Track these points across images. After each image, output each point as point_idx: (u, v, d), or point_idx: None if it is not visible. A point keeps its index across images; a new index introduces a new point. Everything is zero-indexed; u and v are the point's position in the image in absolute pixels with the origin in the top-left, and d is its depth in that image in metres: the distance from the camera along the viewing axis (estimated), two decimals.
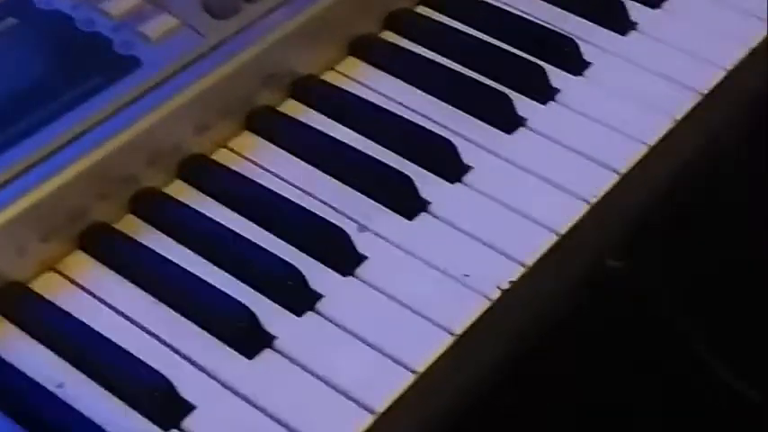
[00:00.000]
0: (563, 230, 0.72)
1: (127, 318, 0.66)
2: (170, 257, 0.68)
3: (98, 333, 0.64)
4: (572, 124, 0.78)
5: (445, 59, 0.81)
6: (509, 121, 0.77)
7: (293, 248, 0.69)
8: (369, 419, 0.62)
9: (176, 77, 0.72)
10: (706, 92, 0.80)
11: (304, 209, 0.71)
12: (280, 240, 0.70)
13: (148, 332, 0.65)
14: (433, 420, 0.65)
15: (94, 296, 0.67)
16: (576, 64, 0.81)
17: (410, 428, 0.65)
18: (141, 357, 0.63)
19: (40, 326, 0.65)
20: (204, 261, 0.68)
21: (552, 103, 0.79)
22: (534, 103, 0.79)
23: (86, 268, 0.68)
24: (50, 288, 0.67)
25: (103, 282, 0.67)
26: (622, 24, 0.84)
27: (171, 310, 0.66)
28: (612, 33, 0.83)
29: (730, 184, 0.95)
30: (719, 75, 0.81)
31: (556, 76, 0.80)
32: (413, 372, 0.64)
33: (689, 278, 0.94)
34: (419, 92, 0.79)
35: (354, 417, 0.62)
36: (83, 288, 0.67)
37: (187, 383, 0.62)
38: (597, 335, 0.95)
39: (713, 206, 0.93)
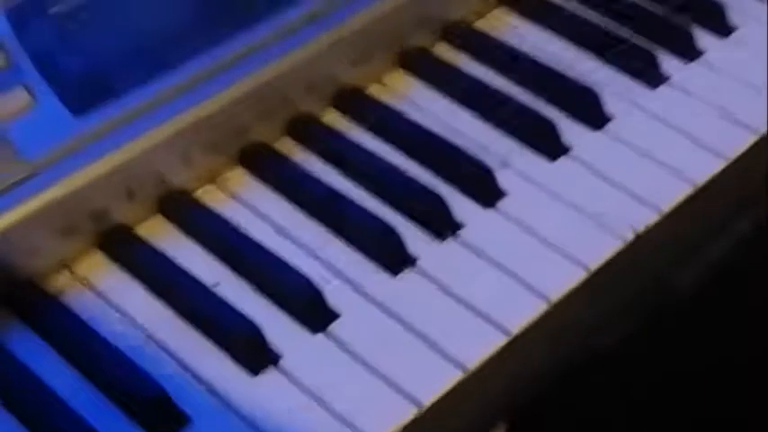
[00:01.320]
0: (700, 182, 0.73)
1: (281, 230, 0.70)
2: (323, 179, 0.72)
3: (252, 239, 0.68)
4: (715, 84, 0.79)
5: (597, 15, 0.83)
6: (653, 77, 0.79)
7: (439, 180, 0.73)
8: (503, 340, 0.65)
9: (336, 11, 0.75)
10: None
11: (451, 143, 0.74)
12: (426, 171, 0.73)
13: (300, 245, 0.69)
14: (564, 350, 0.68)
15: (251, 208, 0.71)
16: (722, 27, 0.83)
17: (539, 356, 0.67)
18: (293, 266, 0.67)
19: (202, 231, 0.69)
20: (354, 185, 0.72)
21: (696, 63, 0.81)
22: (679, 62, 0.81)
23: (246, 184, 0.72)
24: (212, 198, 0.72)
25: (260, 196, 0.71)
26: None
27: (322, 226, 0.70)
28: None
29: None
30: None
31: (701, 37, 0.82)
32: (546, 299, 0.67)
33: None
34: (568, 44, 0.81)
35: (489, 335, 0.65)
36: (240, 200, 0.71)
37: (334, 294, 0.66)
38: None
39: None
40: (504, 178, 0.73)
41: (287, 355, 0.64)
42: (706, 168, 0.74)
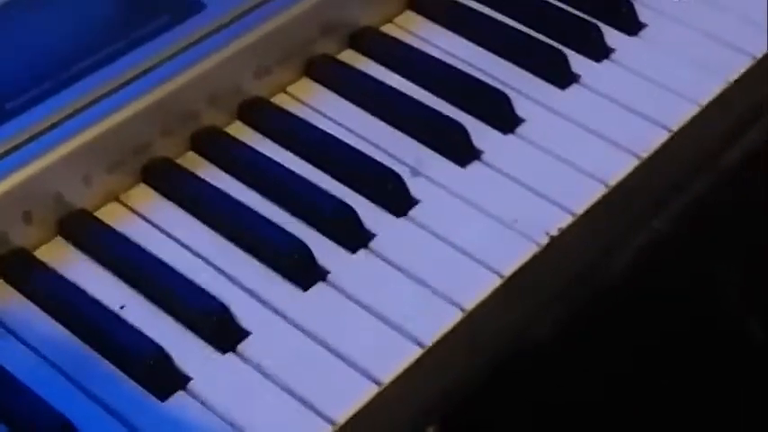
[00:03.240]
0: (612, 182, 0.73)
1: (186, 247, 0.68)
2: (228, 192, 0.70)
3: (159, 260, 0.66)
4: (624, 82, 0.79)
5: (504, 17, 0.82)
6: (564, 77, 0.78)
7: (348, 190, 0.71)
8: (417, 352, 0.63)
9: (238, 21, 0.74)
10: (760, 55, 0.81)
11: (359, 152, 0.73)
12: (335, 182, 0.72)
13: (207, 261, 0.67)
14: (480, 359, 0.67)
15: (156, 226, 0.69)
16: (631, 24, 0.82)
17: (456, 365, 0.66)
18: (200, 284, 0.65)
19: (104, 252, 0.67)
20: (262, 198, 0.70)
21: (607, 61, 0.80)
22: (589, 61, 0.80)
23: (149, 200, 0.70)
24: (114, 217, 0.69)
25: (165, 213, 0.69)
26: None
27: (229, 242, 0.68)
28: None
29: None
30: None
31: (611, 35, 0.81)
32: (461, 309, 0.65)
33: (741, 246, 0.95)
34: (476, 47, 0.80)
35: (403, 349, 0.63)
36: (144, 218, 0.69)
37: (244, 311, 0.64)
38: (640, 296, 0.95)
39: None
40: (415, 186, 0.72)
41: (196, 377, 0.62)
42: (619, 168, 0.74)
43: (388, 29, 0.81)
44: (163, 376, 0.61)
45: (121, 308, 0.64)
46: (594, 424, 0.97)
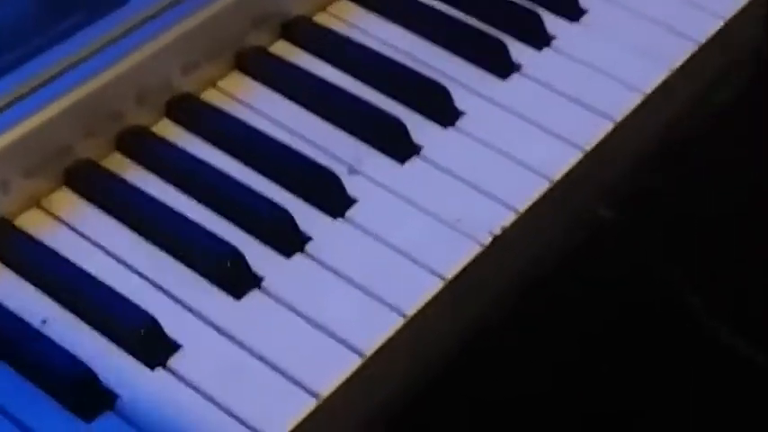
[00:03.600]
0: (556, 177, 0.71)
1: (112, 255, 0.64)
2: (157, 196, 0.67)
3: (83, 270, 0.63)
4: (566, 71, 0.77)
5: (442, 4, 0.79)
6: (504, 67, 0.76)
7: (282, 190, 0.68)
8: (356, 361, 0.61)
9: (164, 14, 0.70)
10: (704, 40, 0.79)
11: (293, 150, 0.70)
12: (268, 182, 0.69)
13: (134, 270, 0.64)
14: (423, 366, 0.64)
15: (79, 233, 0.65)
16: (572, 10, 0.80)
17: (399, 373, 0.64)
18: (126, 295, 0.62)
19: (24, 262, 0.63)
20: (192, 201, 0.67)
21: (548, 49, 0.78)
22: (530, 49, 0.77)
23: (72, 205, 0.67)
24: (35, 224, 0.66)
25: (89, 219, 0.66)
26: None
27: (157, 249, 0.65)
28: None
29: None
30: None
31: (552, 22, 0.79)
32: (402, 315, 0.63)
33: (683, 232, 0.93)
34: (413, 36, 0.78)
35: (342, 358, 0.61)
36: (67, 225, 0.66)
37: (173, 323, 0.61)
38: (587, 285, 0.94)
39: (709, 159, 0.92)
40: (352, 184, 0.69)
41: (124, 395, 0.59)
42: (562, 162, 0.72)
43: (321, 18, 0.78)
44: (88, 397, 0.58)
45: (43, 322, 0.61)
46: (545, 416, 0.95)
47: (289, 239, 0.65)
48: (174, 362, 0.60)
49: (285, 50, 0.76)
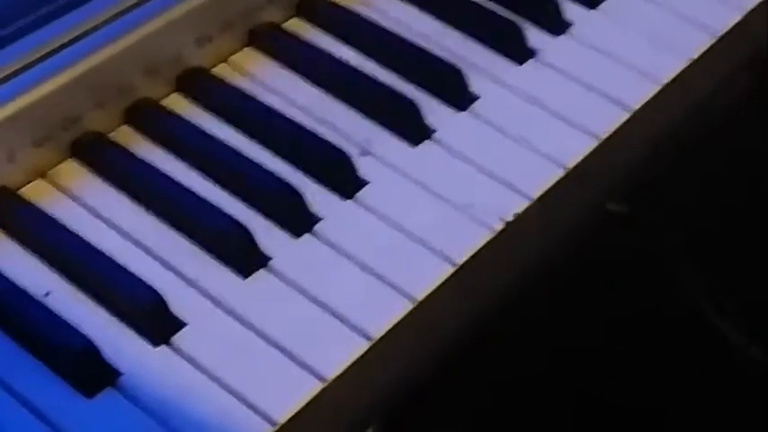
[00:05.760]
0: (570, 164, 0.70)
1: (118, 229, 0.63)
2: (165, 170, 0.66)
3: (88, 243, 0.62)
4: (583, 58, 0.76)
5: None
6: (520, 52, 0.75)
7: (293, 169, 0.67)
8: (364, 345, 0.60)
9: None
10: (722, 32, 0.78)
11: (304, 128, 0.69)
12: (279, 160, 0.68)
13: (140, 245, 0.63)
14: (430, 352, 0.63)
15: (85, 206, 0.64)
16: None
17: (405, 358, 0.63)
18: (132, 270, 0.61)
19: (29, 233, 0.62)
20: (200, 176, 0.66)
21: (565, 36, 0.77)
22: (547, 35, 0.76)
23: (78, 177, 0.66)
24: (40, 195, 0.65)
25: (96, 192, 0.65)
26: None
27: (164, 224, 0.64)
28: None
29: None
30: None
31: (569, 8, 0.78)
32: (411, 299, 0.62)
33: (692, 228, 0.93)
34: (431, 18, 0.77)
35: (349, 341, 0.60)
36: (74, 197, 0.65)
37: (179, 300, 0.60)
38: (593, 279, 0.93)
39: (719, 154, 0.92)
40: (364, 165, 0.68)
41: (127, 372, 0.58)
42: (577, 149, 0.71)
43: None
44: (90, 371, 0.57)
45: (46, 295, 0.60)
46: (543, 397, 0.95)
47: (298, 219, 0.64)
48: (178, 339, 0.59)
49: (299, 27, 0.75)
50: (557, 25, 0.77)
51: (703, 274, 0.94)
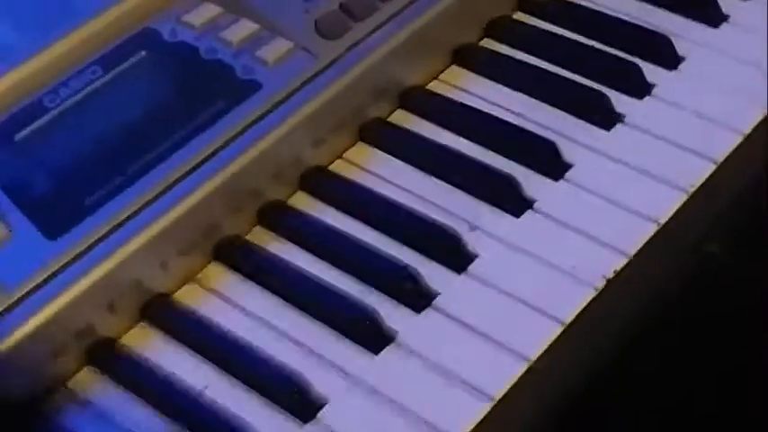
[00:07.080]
0: (662, 219, 0.75)
1: (261, 321, 0.71)
2: (296, 263, 0.74)
3: (237, 337, 0.70)
4: (669, 117, 0.81)
5: (544, 63, 0.85)
6: (607, 118, 0.81)
7: (409, 250, 0.74)
8: (487, 406, 0.67)
9: (294, 97, 0.77)
10: None
11: (417, 212, 0.76)
12: (396, 243, 0.75)
13: (281, 333, 0.71)
14: (547, 406, 0.70)
15: (231, 303, 0.73)
16: (670, 59, 0.84)
17: (526, 413, 0.69)
18: (276, 357, 0.69)
19: (184, 332, 0.71)
20: (327, 265, 0.74)
21: (649, 98, 0.82)
22: (631, 99, 0.82)
23: (222, 278, 0.74)
24: (192, 298, 0.73)
25: (238, 289, 0.73)
26: (713, 18, 0.87)
27: (300, 313, 0.72)
28: (705, 26, 0.87)
29: None
30: None
31: (650, 71, 0.84)
32: (526, 359, 0.69)
33: None
34: (520, 95, 0.83)
35: (474, 404, 0.67)
36: (221, 296, 0.73)
37: (319, 380, 0.68)
38: (694, 327, 0.96)
39: None
40: (473, 240, 0.75)
41: None
42: (668, 204, 0.76)
43: (434, 86, 0.85)
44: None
45: (204, 389, 0.68)
46: None
47: (417, 296, 0.72)
48: (323, 417, 0.67)
49: (403, 119, 0.83)
50: (640, 88, 0.83)
51: None
